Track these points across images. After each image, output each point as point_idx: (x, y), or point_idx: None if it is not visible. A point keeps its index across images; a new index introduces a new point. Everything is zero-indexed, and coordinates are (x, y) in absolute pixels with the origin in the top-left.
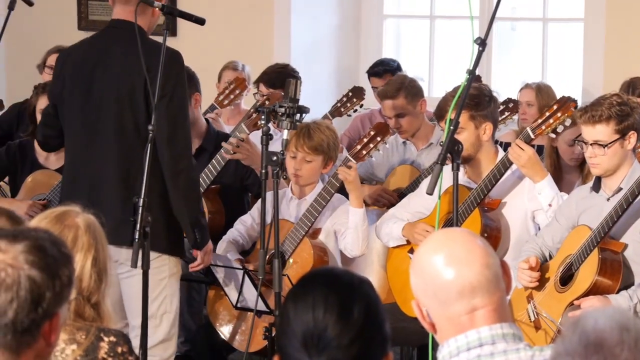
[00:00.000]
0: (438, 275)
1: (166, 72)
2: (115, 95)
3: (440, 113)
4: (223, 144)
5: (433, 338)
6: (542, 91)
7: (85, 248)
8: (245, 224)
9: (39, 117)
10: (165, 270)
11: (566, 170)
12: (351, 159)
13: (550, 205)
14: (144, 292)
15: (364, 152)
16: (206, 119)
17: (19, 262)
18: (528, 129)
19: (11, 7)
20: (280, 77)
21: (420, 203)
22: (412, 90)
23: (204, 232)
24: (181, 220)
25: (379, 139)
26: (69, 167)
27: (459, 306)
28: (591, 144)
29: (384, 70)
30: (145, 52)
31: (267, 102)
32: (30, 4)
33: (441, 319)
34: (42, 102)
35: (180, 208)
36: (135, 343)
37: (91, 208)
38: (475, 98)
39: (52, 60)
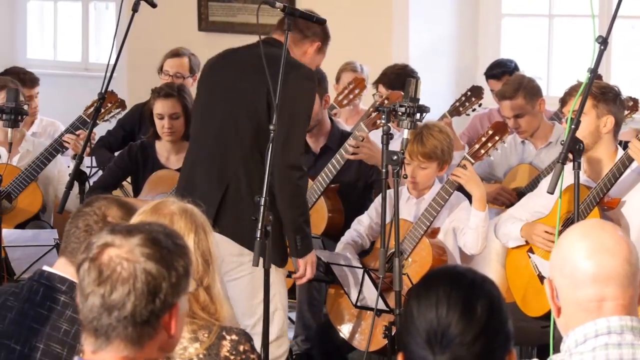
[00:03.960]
0: (579, 258)
1: (294, 89)
2: (245, 102)
3: (565, 98)
4: (346, 143)
5: (554, 337)
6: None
7: (183, 232)
8: (363, 224)
9: (156, 120)
10: (272, 268)
11: None
12: (469, 158)
13: None
14: (266, 289)
15: (482, 151)
16: (331, 119)
17: (135, 256)
18: None
19: (135, 8)
20: (399, 78)
21: (539, 203)
22: (530, 90)
23: (307, 240)
24: (285, 226)
25: (497, 138)
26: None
27: (590, 291)
28: None
29: (502, 72)
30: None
31: (386, 102)
32: (154, 5)
33: (569, 300)
34: (158, 106)
35: (284, 213)
36: None
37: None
38: (602, 88)
39: (167, 65)
